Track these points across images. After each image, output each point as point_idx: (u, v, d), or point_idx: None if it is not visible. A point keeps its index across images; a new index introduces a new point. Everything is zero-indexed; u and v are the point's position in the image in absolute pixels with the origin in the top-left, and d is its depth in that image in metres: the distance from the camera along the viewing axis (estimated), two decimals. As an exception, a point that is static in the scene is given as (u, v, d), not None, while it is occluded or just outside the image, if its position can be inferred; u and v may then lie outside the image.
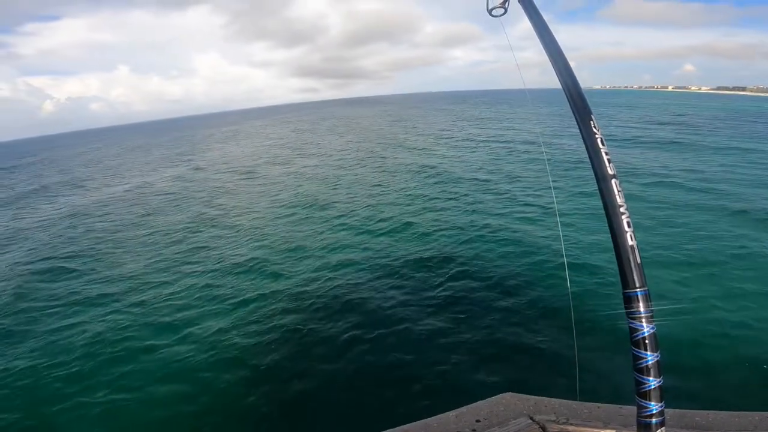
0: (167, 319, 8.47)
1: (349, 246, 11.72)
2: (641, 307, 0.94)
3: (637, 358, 0.94)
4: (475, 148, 28.72)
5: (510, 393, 1.83)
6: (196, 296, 9.37)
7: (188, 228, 14.95)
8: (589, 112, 1.05)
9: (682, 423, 1.55)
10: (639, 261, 0.96)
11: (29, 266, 12.56)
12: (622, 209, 0.97)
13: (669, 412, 1.67)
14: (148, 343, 7.66)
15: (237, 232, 14.04)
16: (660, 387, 0.94)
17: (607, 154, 1.01)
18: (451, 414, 1.71)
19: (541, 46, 1.20)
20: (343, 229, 13.29)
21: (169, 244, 13.42)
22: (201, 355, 7.08)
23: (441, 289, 8.70)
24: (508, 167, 21.11)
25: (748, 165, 18.55)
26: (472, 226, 12.52)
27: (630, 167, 18.19)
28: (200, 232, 14.45)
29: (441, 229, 12.45)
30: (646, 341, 0.93)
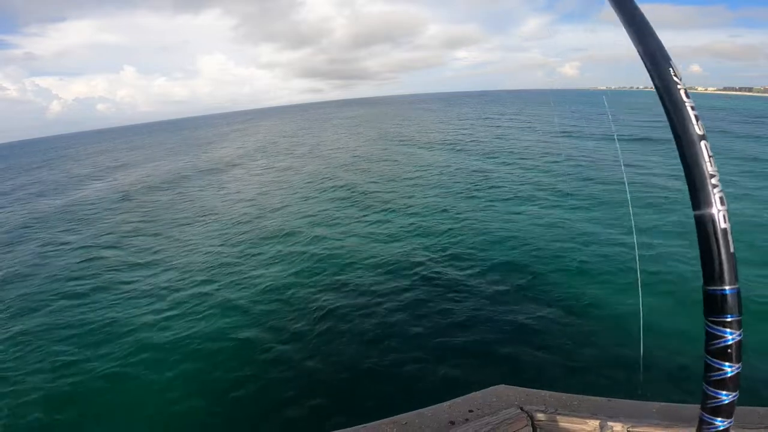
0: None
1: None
2: (728, 310, 0.76)
3: (714, 369, 0.78)
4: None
5: (503, 385, 1.90)
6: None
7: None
8: (668, 59, 0.82)
9: (667, 416, 1.61)
10: (732, 250, 0.75)
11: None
12: (713, 180, 0.76)
13: (654, 405, 1.73)
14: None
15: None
16: (733, 403, 0.79)
17: (693, 109, 0.79)
18: (445, 404, 1.78)
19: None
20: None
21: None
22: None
23: (440, 282, 8.79)
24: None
25: None
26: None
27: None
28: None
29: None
30: (730, 350, 0.76)
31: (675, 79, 0.80)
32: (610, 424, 1.48)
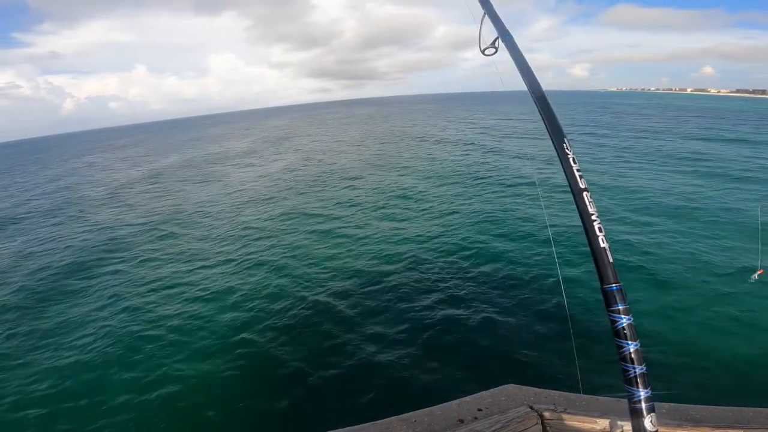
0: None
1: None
2: (618, 301, 1.05)
3: (620, 347, 1.03)
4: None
5: (513, 384, 1.90)
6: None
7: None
8: (563, 135, 1.20)
9: (676, 416, 1.61)
10: (611, 260, 1.09)
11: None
12: (593, 217, 1.12)
13: (664, 405, 1.73)
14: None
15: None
16: (644, 374, 1.01)
17: (579, 171, 1.16)
18: (454, 403, 1.79)
19: (523, 80, 1.36)
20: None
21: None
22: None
23: (450, 287, 8.77)
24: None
25: None
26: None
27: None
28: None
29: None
30: (626, 331, 1.03)
31: (567, 151, 1.18)
32: (620, 423, 1.48)
